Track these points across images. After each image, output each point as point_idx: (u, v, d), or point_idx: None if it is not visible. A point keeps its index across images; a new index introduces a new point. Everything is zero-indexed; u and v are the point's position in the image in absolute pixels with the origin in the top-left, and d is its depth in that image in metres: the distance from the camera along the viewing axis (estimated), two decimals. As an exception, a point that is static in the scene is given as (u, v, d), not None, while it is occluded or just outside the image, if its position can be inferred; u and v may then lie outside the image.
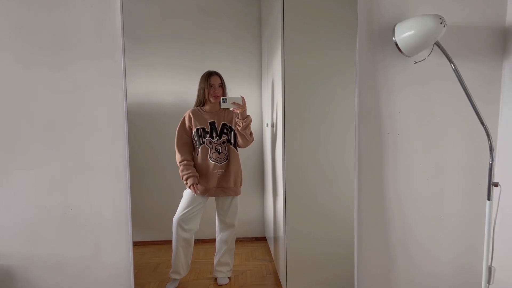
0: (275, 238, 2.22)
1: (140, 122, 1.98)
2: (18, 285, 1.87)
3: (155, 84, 2.07)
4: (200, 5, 2.01)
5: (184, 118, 2.07)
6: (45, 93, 1.79)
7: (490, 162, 1.66)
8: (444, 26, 1.59)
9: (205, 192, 2.09)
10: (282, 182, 1.96)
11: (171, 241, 2.09)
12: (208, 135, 2.08)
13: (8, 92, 1.77)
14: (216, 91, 2.05)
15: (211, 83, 2.04)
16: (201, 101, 2.08)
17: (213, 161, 2.09)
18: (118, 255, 1.89)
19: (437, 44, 1.67)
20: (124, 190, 1.85)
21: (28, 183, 1.82)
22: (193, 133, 2.06)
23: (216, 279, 2.15)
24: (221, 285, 2.11)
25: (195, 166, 2.10)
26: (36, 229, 1.85)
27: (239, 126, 2.05)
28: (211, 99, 2.06)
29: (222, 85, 2.06)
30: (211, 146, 2.08)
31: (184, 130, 2.06)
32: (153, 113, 2.08)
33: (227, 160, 2.11)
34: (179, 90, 2.11)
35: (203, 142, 2.08)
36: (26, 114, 1.79)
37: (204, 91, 2.05)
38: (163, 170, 2.16)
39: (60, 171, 1.83)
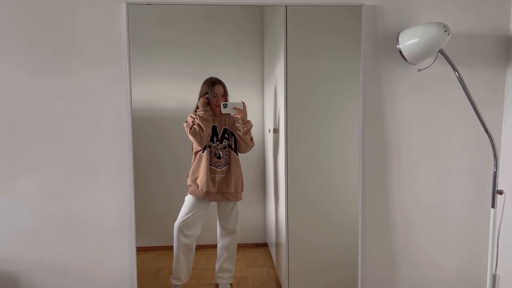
0: (277, 244, 2.22)
1: (143, 127, 1.98)
2: (21, 291, 1.87)
3: (157, 89, 2.07)
4: (203, 13, 2.00)
5: (187, 119, 2.05)
6: (50, 99, 1.79)
7: (494, 170, 1.65)
8: (448, 34, 1.58)
9: (206, 196, 2.09)
10: (284, 187, 1.95)
11: (172, 246, 2.08)
12: (208, 139, 2.08)
13: (14, 98, 1.78)
14: (219, 100, 2.04)
15: (215, 92, 2.03)
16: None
17: (211, 165, 2.08)
18: (122, 261, 1.89)
19: (441, 52, 1.66)
20: (128, 195, 1.85)
21: (32, 188, 1.82)
22: None
23: (217, 285, 2.14)
24: (223, 291, 2.11)
25: (196, 169, 2.09)
26: (40, 234, 1.85)
27: (240, 131, 2.05)
28: (214, 107, 2.06)
29: (225, 94, 2.06)
30: (210, 150, 2.08)
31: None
32: (156, 118, 2.08)
33: (228, 165, 2.11)
34: (181, 96, 2.11)
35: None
36: (31, 119, 1.79)
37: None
38: (165, 175, 2.16)
39: (64, 176, 1.83)
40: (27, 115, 1.79)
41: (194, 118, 2.02)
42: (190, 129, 2.01)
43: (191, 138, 2.02)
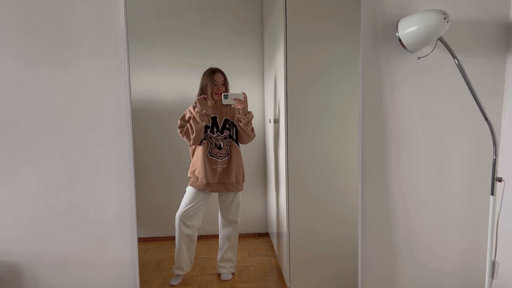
0: (278, 234, 2.23)
1: (143, 119, 1.99)
2: (24, 282, 1.88)
3: (157, 81, 2.07)
4: (202, 2, 2.00)
5: (185, 113, 2.07)
6: (49, 91, 1.79)
7: (494, 157, 1.65)
8: (447, 22, 1.57)
9: (207, 188, 2.09)
10: (285, 178, 1.96)
11: (174, 237, 2.09)
12: (208, 130, 2.08)
13: (13, 90, 1.77)
14: (219, 89, 2.05)
15: (215, 80, 2.04)
16: (203, 97, 2.08)
17: (212, 156, 2.09)
18: (123, 251, 1.90)
19: (441, 39, 1.66)
20: (128, 186, 1.85)
21: (33, 180, 1.83)
22: None
23: (219, 274, 2.16)
24: (225, 280, 2.12)
25: (196, 161, 2.11)
26: (41, 226, 1.86)
27: (241, 122, 2.05)
28: (214, 97, 2.06)
29: (225, 82, 2.06)
30: (211, 141, 2.08)
31: (185, 121, 2.06)
32: (156, 109, 2.09)
33: (229, 156, 2.11)
34: (181, 87, 2.12)
35: (204, 138, 2.08)
36: (30, 112, 1.79)
37: (207, 88, 2.05)
38: (166, 166, 2.16)
39: (65, 168, 1.83)
40: (26, 107, 1.79)
41: (191, 114, 2.03)
42: (183, 129, 2.04)
43: (184, 139, 2.05)
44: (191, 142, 2.04)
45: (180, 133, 2.05)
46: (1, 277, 1.86)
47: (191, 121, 2.02)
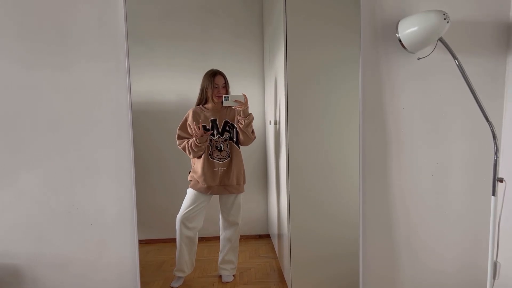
0: (279, 236, 2.23)
1: (143, 121, 1.99)
2: (25, 284, 1.88)
3: (158, 83, 2.07)
4: (202, 4, 2.00)
5: (186, 118, 2.07)
6: (49, 93, 1.79)
7: (495, 158, 1.65)
8: (447, 22, 1.58)
9: (208, 190, 2.09)
10: (285, 179, 1.96)
11: (175, 239, 2.09)
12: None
13: (12, 93, 1.77)
14: (220, 92, 2.05)
15: (216, 83, 2.04)
16: (203, 99, 2.08)
17: (213, 159, 2.09)
18: (124, 253, 1.89)
19: (441, 40, 1.66)
20: (129, 188, 1.85)
21: (33, 182, 1.83)
22: None
23: (220, 276, 2.15)
24: (226, 282, 2.12)
25: (196, 163, 2.11)
26: (42, 228, 1.86)
27: (241, 124, 2.05)
28: (215, 99, 2.06)
29: (226, 85, 2.06)
30: (211, 143, 2.08)
31: (184, 131, 2.07)
32: (156, 111, 2.09)
33: (229, 158, 2.11)
34: (181, 89, 2.12)
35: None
36: (30, 114, 1.79)
37: (208, 90, 2.05)
38: (167, 168, 2.16)
39: (65, 170, 1.83)
40: (26, 110, 1.79)
41: (193, 126, 2.04)
42: (181, 141, 2.06)
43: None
44: (190, 156, 2.07)
45: (179, 145, 2.05)
46: (1, 279, 1.86)
47: (189, 147, 2.03)
